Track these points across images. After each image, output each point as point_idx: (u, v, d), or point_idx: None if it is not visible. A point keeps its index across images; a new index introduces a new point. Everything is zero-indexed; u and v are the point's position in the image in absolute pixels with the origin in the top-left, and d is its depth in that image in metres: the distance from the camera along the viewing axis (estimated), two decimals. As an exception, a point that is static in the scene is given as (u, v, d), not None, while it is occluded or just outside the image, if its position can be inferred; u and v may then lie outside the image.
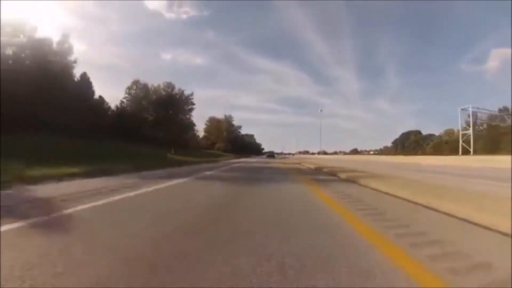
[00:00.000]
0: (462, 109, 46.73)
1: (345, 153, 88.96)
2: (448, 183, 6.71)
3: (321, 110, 68.50)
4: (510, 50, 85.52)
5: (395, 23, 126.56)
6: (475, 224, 2.86)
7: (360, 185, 6.39)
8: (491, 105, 65.57)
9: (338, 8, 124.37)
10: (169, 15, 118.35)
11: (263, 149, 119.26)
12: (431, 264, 1.86)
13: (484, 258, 1.97)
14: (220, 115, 75.25)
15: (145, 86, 41.87)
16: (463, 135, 45.57)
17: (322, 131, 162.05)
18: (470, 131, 43.59)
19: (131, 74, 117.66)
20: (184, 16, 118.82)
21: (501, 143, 38.74)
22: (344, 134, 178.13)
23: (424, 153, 60.79)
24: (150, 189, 5.47)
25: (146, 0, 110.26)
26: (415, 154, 54.64)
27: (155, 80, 60.27)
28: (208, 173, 10.72)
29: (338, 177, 8.54)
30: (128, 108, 39.07)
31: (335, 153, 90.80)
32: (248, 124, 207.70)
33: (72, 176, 7.24)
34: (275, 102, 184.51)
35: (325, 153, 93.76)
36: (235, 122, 76.53)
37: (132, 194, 4.78)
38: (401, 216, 3.28)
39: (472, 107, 45.92)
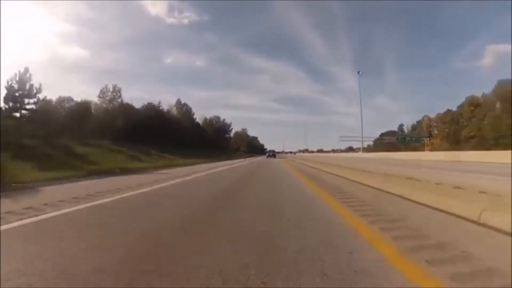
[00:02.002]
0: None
1: (341, 151, 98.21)
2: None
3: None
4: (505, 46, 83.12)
5: (392, 19, 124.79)
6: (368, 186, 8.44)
7: (314, 167, 17.55)
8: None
9: (335, 5, 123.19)
10: (170, 20, 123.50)
11: (266, 149, 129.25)
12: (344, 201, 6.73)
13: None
14: (220, 114, 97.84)
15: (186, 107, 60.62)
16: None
17: (321, 129, 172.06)
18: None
19: (132, 76, 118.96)
20: (186, 21, 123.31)
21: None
22: (343, 132, 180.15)
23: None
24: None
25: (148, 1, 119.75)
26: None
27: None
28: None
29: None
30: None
31: (333, 151, 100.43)
32: (248, 123, 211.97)
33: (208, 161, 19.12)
34: (275, 101, 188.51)
35: (321, 151, 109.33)
36: (235, 122, 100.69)
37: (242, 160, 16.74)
38: (330, 180, 13.51)
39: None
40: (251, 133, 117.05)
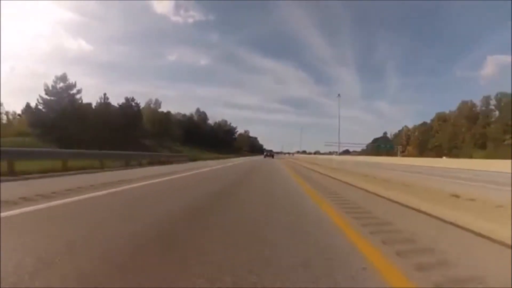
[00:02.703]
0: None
1: (338, 154, 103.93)
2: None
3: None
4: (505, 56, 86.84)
5: (395, 24, 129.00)
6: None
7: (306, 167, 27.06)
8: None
9: (339, 8, 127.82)
10: (175, 18, 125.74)
11: (265, 149, 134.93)
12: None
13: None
14: (221, 112, 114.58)
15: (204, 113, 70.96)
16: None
17: (320, 131, 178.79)
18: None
19: (134, 71, 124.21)
20: (191, 20, 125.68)
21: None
22: (342, 134, 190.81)
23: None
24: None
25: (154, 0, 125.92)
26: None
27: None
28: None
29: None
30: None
31: (330, 153, 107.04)
32: (249, 123, 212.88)
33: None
34: (276, 101, 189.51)
35: (318, 153, 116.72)
36: (236, 121, 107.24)
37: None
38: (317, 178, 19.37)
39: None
40: (251, 132, 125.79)
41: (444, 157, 38.18)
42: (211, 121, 73.25)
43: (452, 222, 3.16)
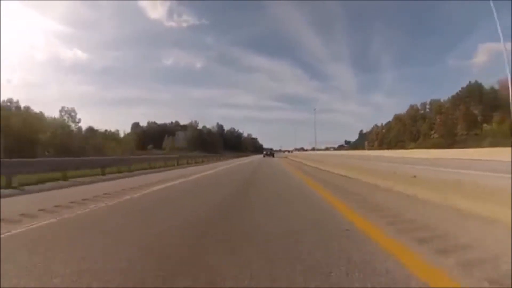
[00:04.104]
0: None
1: (334, 149, 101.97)
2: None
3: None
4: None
5: (387, 17, 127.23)
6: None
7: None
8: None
9: (331, 3, 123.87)
10: (169, 23, 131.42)
11: (264, 148, 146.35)
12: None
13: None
14: (220, 113, 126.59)
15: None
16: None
17: (318, 127, 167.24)
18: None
19: (131, 76, 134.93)
20: (185, 25, 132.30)
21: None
22: (339, 129, 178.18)
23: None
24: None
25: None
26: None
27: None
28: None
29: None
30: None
31: (327, 149, 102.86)
32: (246, 122, 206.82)
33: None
34: (272, 99, 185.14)
35: (313, 149, 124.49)
36: (235, 121, 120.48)
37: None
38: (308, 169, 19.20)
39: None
40: (250, 131, 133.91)
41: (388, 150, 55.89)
42: (208, 125, 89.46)
43: (376, 184, 5.53)
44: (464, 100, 53.60)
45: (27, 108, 39.51)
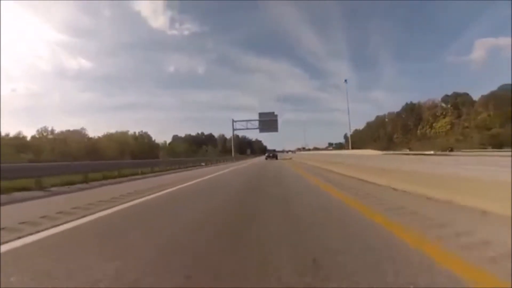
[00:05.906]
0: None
1: (333, 148, 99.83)
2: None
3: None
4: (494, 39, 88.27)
5: (384, 13, 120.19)
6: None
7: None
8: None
9: (328, 1, 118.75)
10: (171, 32, 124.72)
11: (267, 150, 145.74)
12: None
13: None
14: (221, 115, 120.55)
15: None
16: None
17: (319, 126, 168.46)
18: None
19: (134, 83, 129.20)
20: (186, 32, 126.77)
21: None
22: (340, 128, 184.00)
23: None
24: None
25: None
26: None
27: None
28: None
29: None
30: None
31: (327, 148, 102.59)
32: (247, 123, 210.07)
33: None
34: (273, 100, 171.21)
35: (317, 149, 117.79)
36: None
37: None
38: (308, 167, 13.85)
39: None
40: (251, 132, 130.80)
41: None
42: (209, 128, 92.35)
43: (352, 175, 6.91)
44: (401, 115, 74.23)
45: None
